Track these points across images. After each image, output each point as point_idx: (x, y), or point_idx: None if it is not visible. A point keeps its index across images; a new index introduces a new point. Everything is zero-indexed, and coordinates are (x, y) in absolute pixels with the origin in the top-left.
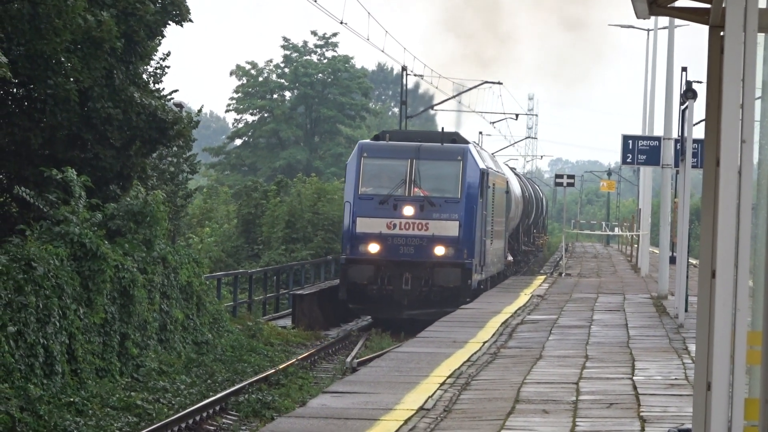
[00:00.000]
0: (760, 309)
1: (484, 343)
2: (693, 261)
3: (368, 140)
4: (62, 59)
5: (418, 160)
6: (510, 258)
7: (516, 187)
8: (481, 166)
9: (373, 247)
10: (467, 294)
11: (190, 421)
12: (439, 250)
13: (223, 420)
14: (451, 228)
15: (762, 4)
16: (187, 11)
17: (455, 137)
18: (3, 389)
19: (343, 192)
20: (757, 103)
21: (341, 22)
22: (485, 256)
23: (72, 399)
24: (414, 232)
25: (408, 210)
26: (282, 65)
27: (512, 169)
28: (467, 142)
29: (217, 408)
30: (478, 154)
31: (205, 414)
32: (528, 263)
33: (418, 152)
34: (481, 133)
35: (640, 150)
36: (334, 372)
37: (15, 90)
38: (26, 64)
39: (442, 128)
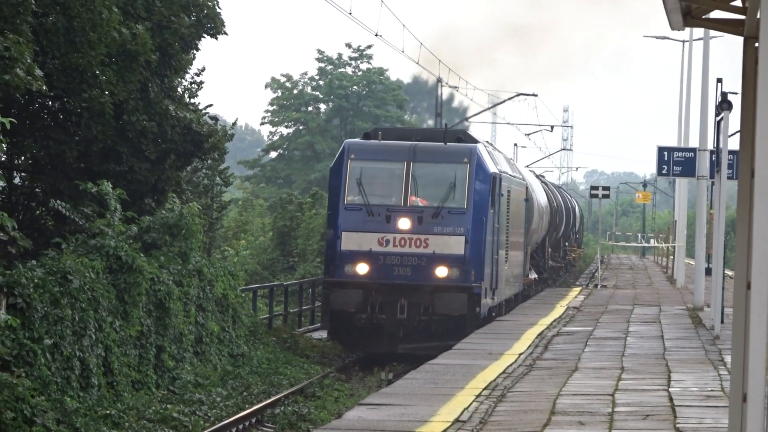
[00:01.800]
0: None
1: (520, 354)
2: (729, 272)
3: (356, 139)
4: (97, 72)
5: (416, 162)
6: (534, 275)
7: (540, 196)
8: (492, 169)
9: (362, 268)
10: (475, 323)
11: None
12: (442, 272)
13: None
14: (456, 244)
15: None
16: (222, 24)
17: (461, 135)
18: (39, 402)
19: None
20: None
21: (376, 35)
22: (497, 277)
23: (108, 411)
24: (411, 250)
25: (404, 223)
26: (317, 78)
27: (540, 177)
28: (476, 142)
29: (254, 420)
30: (489, 155)
31: (241, 426)
32: (558, 280)
33: (417, 153)
34: (516, 144)
35: (675, 161)
36: (370, 384)
37: (50, 103)
38: (61, 77)
39: (445, 124)
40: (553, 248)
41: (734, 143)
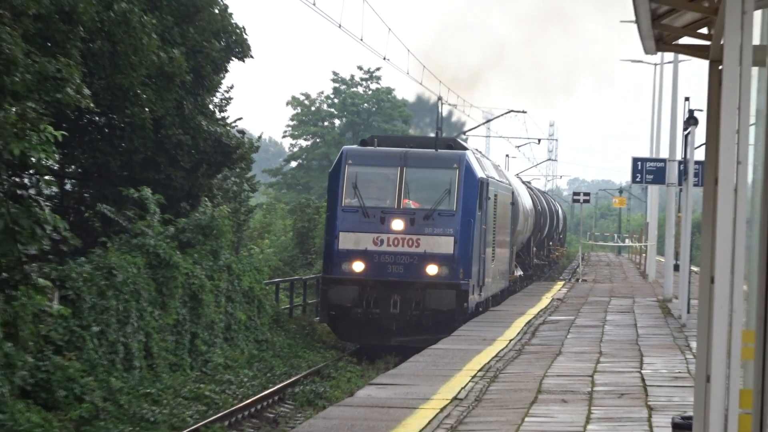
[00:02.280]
0: (753, 311)
1: (510, 340)
2: (694, 268)
3: (354, 146)
4: (138, 91)
5: (409, 167)
6: (519, 273)
7: (526, 200)
8: (480, 175)
9: (358, 266)
10: (463, 318)
11: (252, 410)
12: (432, 269)
13: (281, 408)
14: (446, 244)
15: (756, 41)
16: (248, 48)
17: (451, 143)
18: (88, 382)
19: (326, 204)
20: (752, 129)
21: (384, 58)
22: (484, 274)
23: (148, 390)
24: (404, 249)
25: (397, 224)
26: (332, 96)
27: (526, 183)
28: (465, 149)
29: (276, 398)
30: (477, 162)
31: (265, 403)
32: (542, 276)
33: (409, 159)
34: (507, 155)
35: (647, 170)
36: (378, 366)
37: (97, 118)
38: (106, 95)
39: (437, 133)
40: (537, 247)
41: (700, 154)
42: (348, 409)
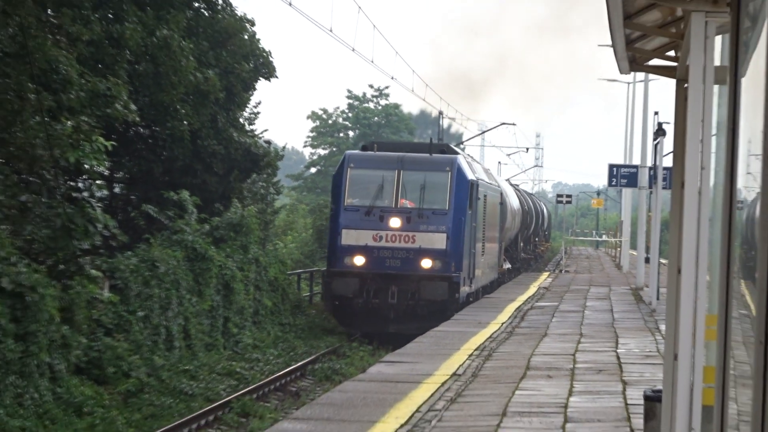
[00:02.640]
0: (715, 297)
1: (502, 324)
2: (663, 261)
3: (355, 151)
4: (178, 107)
5: (405, 170)
6: (508, 266)
7: (513, 200)
8: (471, 177)
9: (359, 260)
10: (455, 308)
11: (277, 384)
12: (426, 263)
13: (302, 383)
14: (439, 240)
15: (717, 62)
16: (274, 69)
17: (444, 148)
18: (134, 360)
19: (330, 204)
20: (713, 139)
21: (392, 78)
22: (474, 268)
23: (187, 367)
24: (400, 245)
25: (394, 222)
26: (346, 111)
27: (514, 186)
28: (457, 153)
29: (298, 374)
30: (468, 165)
31: (288, 378)
32: (529, 269)
33: (406, 163)
34: (499, 162)
35: (622, 175)
36: (387, 347)
37: (142, 130)
38: (150, 111)
39: (431, 139)
40: (524, 243)
41: (668, 161)
42: (361, 384)
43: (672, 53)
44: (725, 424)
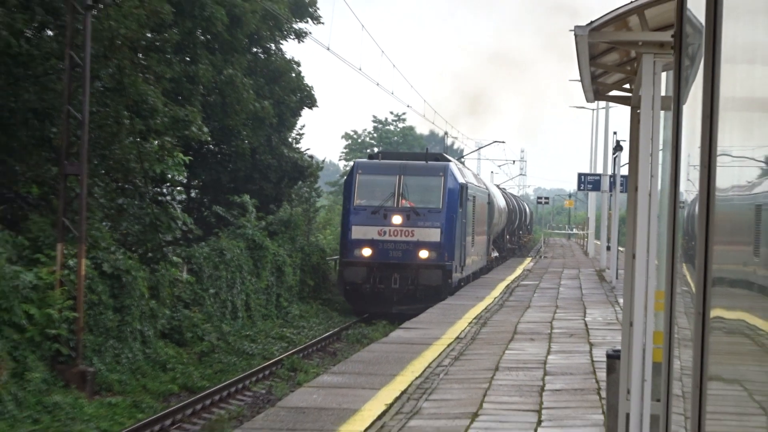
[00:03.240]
0: (662, 277)
1: (495, 298)
2: (621, 248)
3: (363, 159)
4: (240, 130)
5: (405, 175)
6: (496, 254)
7: (500, 200)
8: (461, 180)
9: (366, 251)
10: (448, 291)
11: (318, 346)
12: (423, 254)
13: (338, 345)
14: (434, 234)
15: (662, 93)
16: (315, 101)
17: (438, 156)
18: (206, 327)
19: (344, 205)
20: (660, 153)
21: (408, 106)
22: (465, 257)
23: (248, 333)
24: (401, 238)
25: (396, 219)
26: (372, 132)
27: (502, 189)
28: (449, 161)
29: (335, 338)
30: (459, 171)
31: (327, 341)
32: (514, 255)
33: (406, 169)
34: (492, 172)
35: (588, 181)
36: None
37: (212, 148)
38: (219, 133)
39: (426, 149)
40: (510, 235)
41: (624, 171)
42: (384, 345)
43: (627, 86)
44: (671, 377)
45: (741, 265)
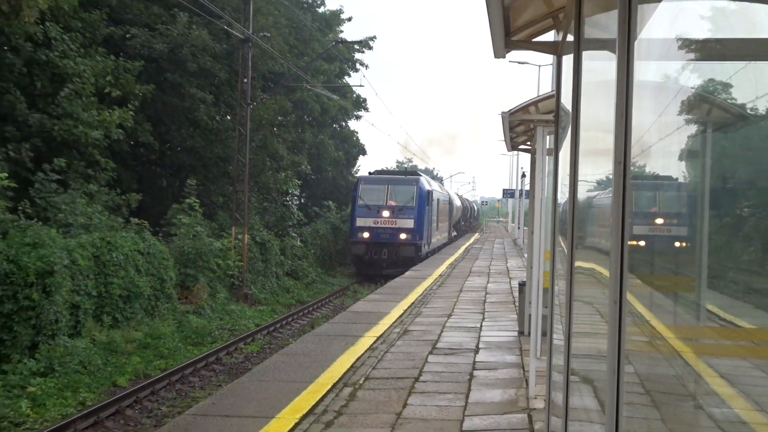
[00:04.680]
0: (548, 242)
1: (459, 254)
2: (526, 228)
3: (365, 174)
4: (326, 167)
5: (391, 185)
6: (454, 233)
7: (458, 202)
8: (428, 188)
9: (366, 234)
10: (419, 260)
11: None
12: (403, 236)
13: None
14: (409, 223)
15: (548, 146)
16: (365, 151)
17: (413, 173)
18: (309, 270)
19: (352, 204)
20: (546, 179)
21: (413, 155)
22: (431, 238)
23: (331, 273)
24: (388, 226)
25: (385, 213)
26: (395, 167)
27: (460, 197)
28: (420, 176)
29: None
30: (427, 182)
31: (364, 279)
32: (467, 232)
33: (391, 181)
34: (459, 188)
35: (509, 193)
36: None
37: (313, 177)
38: (316, 168)
39: (405, 168)
40: (465, 221)
41: (527, 187)
42: (401, 280)
43: (529, 143)
44: (552, 295)
45: (588, 235)
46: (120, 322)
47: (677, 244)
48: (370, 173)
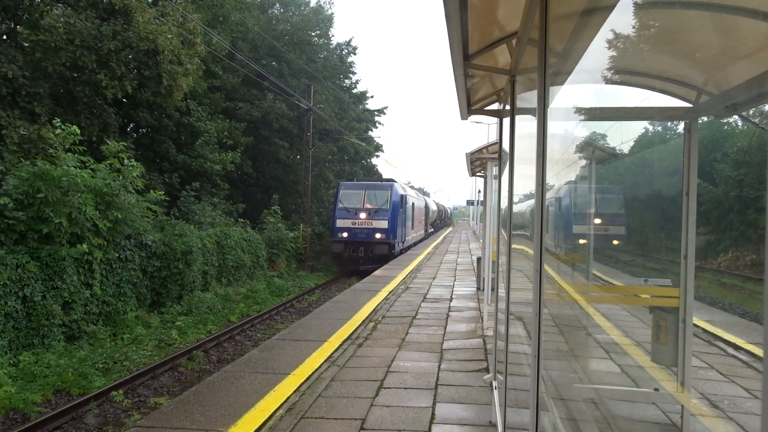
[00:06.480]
0: (495, 231)
1: (436, 244)
2: (482, 224)
3: (346, 181)
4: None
5: (368, 190)
6: (431, 230)
7: (432, 205)
8: (401, 193)
9: (345, 234)
10: (392, 258)
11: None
12: (378, 235)
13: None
14: (383, 224)
15: (494, 174)
16: (381, 176)
17: (388, 180)
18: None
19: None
20: (493, 194)
21: (410, 180)
22: (405, 236)
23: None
24: (365, 226)
25: (363, 215)
26: None
27: (437, 203)
28: (395, 182)
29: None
30: (402, 188)
31: (352, 273)
32: (441, 228)
33: (368, 186)
34: (437, 198)
35: (470, 202)
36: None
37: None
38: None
39: (380, 175)
40: (440, 221)
41: (481, 198)
42: (382, 271)
43: (483, 172)
44: (498, 267)
45: (519, 228)
46: (232, 283)
47: (575, 232)
48: (349, 179)
